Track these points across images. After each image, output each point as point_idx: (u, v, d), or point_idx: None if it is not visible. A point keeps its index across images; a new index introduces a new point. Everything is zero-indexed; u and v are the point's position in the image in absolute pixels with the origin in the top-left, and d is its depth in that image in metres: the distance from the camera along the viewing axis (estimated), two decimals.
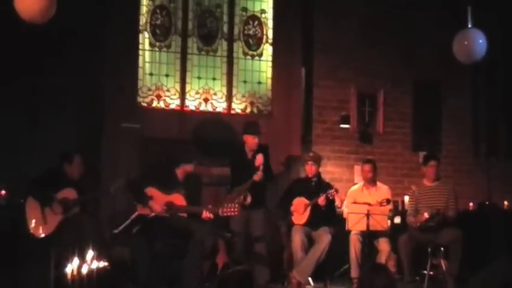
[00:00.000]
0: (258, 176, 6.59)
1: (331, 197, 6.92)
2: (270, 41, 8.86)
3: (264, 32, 8.87)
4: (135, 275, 6.08)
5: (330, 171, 8.45)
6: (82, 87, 7.71)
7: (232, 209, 6.18)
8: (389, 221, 6.96)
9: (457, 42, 6.60)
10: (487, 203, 8.48)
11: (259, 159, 6.65)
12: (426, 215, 6.71)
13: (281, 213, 7.24)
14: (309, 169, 7.18)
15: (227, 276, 3.47)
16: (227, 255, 6.69)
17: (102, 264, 4.29)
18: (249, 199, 6.70)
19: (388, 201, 6.92)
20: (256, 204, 6.87)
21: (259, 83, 8.81)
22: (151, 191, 6.25)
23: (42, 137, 7.37)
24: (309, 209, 6.95)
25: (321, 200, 6.85)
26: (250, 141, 6.86)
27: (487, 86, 9.33)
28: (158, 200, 6.22)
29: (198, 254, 6.22)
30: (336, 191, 6.97)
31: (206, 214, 6.16)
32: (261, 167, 6.64)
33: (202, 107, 8.55)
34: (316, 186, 7.13)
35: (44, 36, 6.90)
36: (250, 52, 8.82)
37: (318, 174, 7.25)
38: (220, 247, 6.89)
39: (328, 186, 7.11)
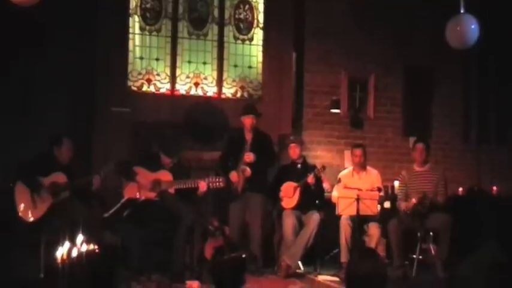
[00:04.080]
0: (248, 157, 6.81)
1: (318, 175, 6.98)
2: (261, 25, 8.82)
3: (255, 17, 8.83)
4: (125, 259, 6.10)
5: (320, 156, 8.46)
6: (72, 72, 7.64)
7: (217, 180, 6.36)
8: (379, 206, 7.00)
9: (449, 28, 6.61)
10: (476, 188, 8.53)
11: (249, 156, 6.84)
12: (414, 200, 6.76)
13: (271, 199, 7.27)
14: (293, 152, 7.25)
15: (222, 263, 3.46)
16: (222, 239, 6.74)
17: (92, 248, 4.29)
18: (248, 171, 6.84)
19: (379, 189, 6.94)
20: (256, 188, 6.94)
21: (250, 67, 8.78)
22: (138, 169, 6.36)
23: (32, 122, 7.33)
24: (298, 191, 6.98)
25: (310, 179, 6.90)
26: (247, 121, 6.96)
27: (479, 73, 9.33)
28: (145, 178, 6.32)
29: (184, 239, 6.29)
30: (323, 167, 7.03)
31: (202, 183, 6.31)
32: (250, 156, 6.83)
33: (193, 91, 8.51)
34: (302, 169, 7.18)
35: (34, 21, 6.85)
36: (241, 36, 8.78)
37: (303, 157, 7.30)
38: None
39: (314, 166, 7.16)
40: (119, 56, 8.11)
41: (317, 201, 7.06)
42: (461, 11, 6.55)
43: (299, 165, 7.25)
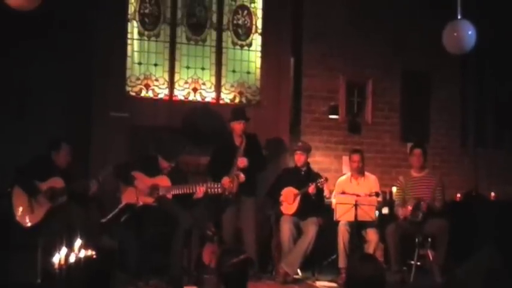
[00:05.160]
0: (241, 162, 6.82)
1: (320, 186, 6.98)
2: (259, 30, 8.82)
3: (253, 22, 8.83)
4: (123, 264, 6.10)
5: (318, 161, 8.46)
6: (71, 76, 7.65)
7: (215, 186, 6.43)
8: (377, 212, 7.00)
9: (446, 34, 6.63)
10: (474, 193, 8.53)
11: (242, 161, 6.84)
12: (409, 207, 6.77)
13: (270, 202, 7.26)
14: (298, 158, 7.24)
15: (232, 265, 3.49)
16: (218, 244, 6.74)
17: (90, 253, 4.29)
18: (242, 176, 6.84)
19: (377, 194, 6.94)
20: (247, 192, 6.93)
21: (248, 72, 8.78)
22: (136, 174, 6.36)
23: (30, 126, 7.33)
24: (298, 198, 6.98)
25: (311, 189, 6.90)
26: (237, 126, 6.96)
27: (476, 77, 9.36)
28: (143, 182, 6.32)
29: (182, 243, 6.28)
30: (326, 179, 7.03)
31: (200, 188, 6.32)
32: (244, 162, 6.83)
33: (191, 97, 8.51)
34: (306, 176, 7.18)
35: (32, 24, 6.85)
36: (239, 42, 8.78)
37: (307, 164, 7.30)
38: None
39: (318, 175, 7.16)
40: (117, 60, 8.11)
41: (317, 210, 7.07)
42: (459, 17, 6.57)
43: (303, 172, 7.25)
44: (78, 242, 4.16)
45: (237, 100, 8.66)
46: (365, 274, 3.17)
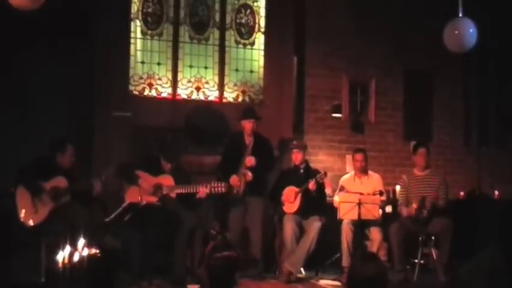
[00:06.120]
0: (249, 161, 6.81)
1: (320, 181, 6.96)
2: (262, 29, 8.82)
3: (256, 21, 8.83)
4: (126, 263, 6.10)
5: (321, 160, 8.46)
6: (73, 76, 7.65)
7: (219, 186, 6.43)
8: (380, 210, 6.99)
9: (447, 32, 6.62)
10: (477, 192, 8.53)
11: (250, 160, 6.85)
12: (414, 205, 6.76)
13: (273, 203, 7.27)
14: (295, 157, 7.24)
15: (214, 259, 3.48)
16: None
17: (93, 252, 4.30)
18: (249, 175, 6.84)
19: (381, 192, 6.94)
20: (256, 192, 6.94)
21: (251, 71, 8.78)
22: (140, 173, 6.37)
23: (33, 126, 7.33)
24: (299, 196, 6.97)
25: (311, 185, 6.89)
26: (247, 125, 6.96)
27: (479, 76, 9.35)
28: (147, 182, 6.33)
29: (185, 242, 6.29)
30: (325, 174, 7.01)
31: (202, 189, 6.33)
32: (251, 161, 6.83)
33: (194, 96, 8.52)
34: (305, 174, 7.16)
35: (34, 24, 6.85)
36: (242, 41, 8.78)
37: (305, 162, 7.29)
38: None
39: (317, 171, 7.13)
40: (120, 60, 8.11)
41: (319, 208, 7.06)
42: (460, 15, 6.55)
43: (302, 170, 7.23)
44: (81, 241, 4.16)
45: (240, 99, 8.67)
46: (366, 274, 3.16)
